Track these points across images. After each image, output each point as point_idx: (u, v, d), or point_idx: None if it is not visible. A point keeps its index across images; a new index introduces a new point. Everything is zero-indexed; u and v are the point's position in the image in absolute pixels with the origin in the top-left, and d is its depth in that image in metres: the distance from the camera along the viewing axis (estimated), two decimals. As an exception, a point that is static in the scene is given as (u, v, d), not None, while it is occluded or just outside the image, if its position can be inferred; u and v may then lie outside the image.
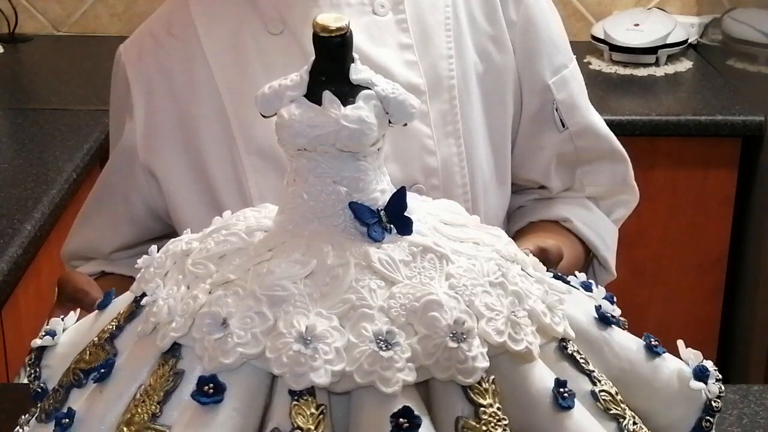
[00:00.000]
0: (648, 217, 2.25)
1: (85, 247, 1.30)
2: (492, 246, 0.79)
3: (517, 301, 0.75)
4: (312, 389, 0.69)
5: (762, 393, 1.24)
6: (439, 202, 0.85)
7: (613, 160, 1.30)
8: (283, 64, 1.15)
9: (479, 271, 0.75)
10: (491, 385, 0.71)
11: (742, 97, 2.34)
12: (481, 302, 0.72)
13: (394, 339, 0.70)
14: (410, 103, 0.75)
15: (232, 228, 0.80)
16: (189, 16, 1.19)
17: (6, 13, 2.74)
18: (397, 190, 0.76)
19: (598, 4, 2.74)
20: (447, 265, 0.74)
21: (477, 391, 0.70)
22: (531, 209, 1.31)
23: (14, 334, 1.73)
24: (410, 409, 0.68)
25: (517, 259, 0.80)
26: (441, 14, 1.20)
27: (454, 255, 0.75)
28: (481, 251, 0.77)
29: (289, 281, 0.72)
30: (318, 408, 0.69)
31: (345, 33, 0.74)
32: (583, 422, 0.74)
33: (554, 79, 1.24)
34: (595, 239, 1.29)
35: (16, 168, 1.96)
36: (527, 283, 0.77)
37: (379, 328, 0.70)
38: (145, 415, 0.71)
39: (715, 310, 2.40)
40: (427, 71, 1.18)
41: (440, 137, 1.17)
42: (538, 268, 0.82)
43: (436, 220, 0.80)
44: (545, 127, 1.26)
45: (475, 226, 0.82)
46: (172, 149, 1.19)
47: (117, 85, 1.24)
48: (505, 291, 0.75)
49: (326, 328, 0.70)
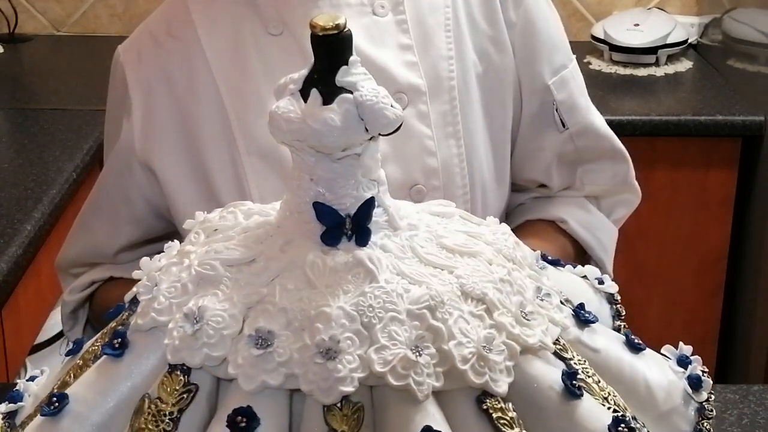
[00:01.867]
0: (648, 217, 2.25)
1: (87, 252, 1.28)
2: (475, 266, 0.76)
3: (431, 337, 0.70)
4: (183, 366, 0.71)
5: (762, 393, 1.24)
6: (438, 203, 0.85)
7: (614, 159, 1.30)
8: (283, 64, 1.15)
9: (404, 297, 0.72)
10: (353, 414, 0.69)
11: (742, 97, 2.34)
12: (384, 329, 0.70)
13: (273, 339, 0.70)
14: (385, 113, 0.73)
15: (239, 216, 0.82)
16: (189, 17, 1.19)
17: (6, 13, 2.74)
18: (365, 201, 0.76)
19: (598, 4, 2.74)
20: (368, 283, 0.72)
21: (334, 415, 0.69)
22: (530, 207, 1.31)
23: (14, 334, 1.73)
24: (251, 409, 0.69)
25: (495, 278, 0.77)
26: (441, 15, 1.20)
27: (390, 275, 0.73)
28: (442, 278, 0.74)
29: (222, 264, 0.75)
30: None
31: (341, 32, 0.74)
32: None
33: (554, 79, 1.24)
34: (590, 241, 1.29)
35: (16, 168, 1.96)
36: (466, 323, 0.72)
37: (267, 327, 0.71)
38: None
39: (715, 310, 2.40)
40: (428, 72, 1.18)
41: (440, 138, 1.17)
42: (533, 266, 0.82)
43: (436, 228, 0.80)
44: (546, 128, 1.26)
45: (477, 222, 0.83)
46: (172, 149, 1.19)
47: (115, 86, 1.24)
48: (422, 323, 0.71)
49: (219, 310, 0.72)
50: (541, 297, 0.78)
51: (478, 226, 0.82)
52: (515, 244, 0.82)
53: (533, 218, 1.29)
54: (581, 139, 1.27)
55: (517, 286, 0.77)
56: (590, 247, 1.29)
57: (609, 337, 0.83)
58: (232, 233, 0.80)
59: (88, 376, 0.76)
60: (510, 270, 0.78)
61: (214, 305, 0.72)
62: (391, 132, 0.75)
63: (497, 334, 0.72)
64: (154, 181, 1.20)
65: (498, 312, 0.73)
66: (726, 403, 1.23)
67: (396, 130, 0.75)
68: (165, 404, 0.71)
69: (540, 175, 1.29)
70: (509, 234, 0.82)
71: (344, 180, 0.75)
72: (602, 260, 1.31)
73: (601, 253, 1.30)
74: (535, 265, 0.82)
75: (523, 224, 1.30)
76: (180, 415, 0.71)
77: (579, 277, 0.89)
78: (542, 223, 1.29)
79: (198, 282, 0.75)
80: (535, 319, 0.75)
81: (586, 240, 1.29)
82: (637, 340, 0.85)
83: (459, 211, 0.84)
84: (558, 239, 1.28)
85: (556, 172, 1.28)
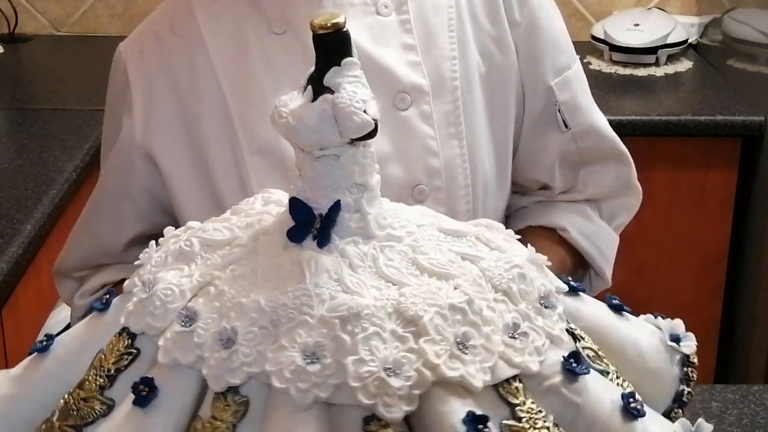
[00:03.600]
0: (648, 217, 2.25)
1: (92, 254, 1.27)
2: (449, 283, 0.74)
3: (333, 347, 0.69)
4: None
5: (762, 393, 1.24)
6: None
7: (617, 161, 1.30)
8: (285, 63, 1.15)
9: (326, 303, 0.71)
10: (237, 405, 0.70)
11: (742, 97, 2.34)
12: (291, 331, 0.70)
13: (197, 320, 0.73)
14: (353, 117, 0.73)
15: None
16: (192, 15, 1.19)
17: (6, 13, 2.74)
18: (333, 205, 0.76)
19: (598, 4, 2.74)
20: (296, 283, 0.73)
21: (218, 404, 0.71)
22: (532, 212, 1.31)
23: (14, 334, 1.73)
24: (152, 381, 0.72)
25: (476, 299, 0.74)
26: (444, 15, 1.19)
27: (325, 279, 0.73)
28: (383, 293, 0.73)
29: (200, 243, 0.78)
30: None
31: (338, 31, 0.74)
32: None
33: (557, 80, 1.24)
34: (591, 249, 1.29)
35: (16, 168, 1.96)
36: (382, 341, 0.70)
37: (195, 308, 0.73)
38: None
39: (715, 310, 2.40)
40: (431, 72, 1.17)
41: (443, 138, 1.17)
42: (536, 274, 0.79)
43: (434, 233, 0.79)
44: (548, 128, 1.26)
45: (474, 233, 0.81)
46: (174, 145, 1.19)
47: (115, 83, 1.23)
48: (329, 331, 0.70)
49: (171, 284, 0.75)
50: (513, 335, 0.73)
51: (487, 251, 0.79)
52: (519, 276, 0.77)
53: (534, 224, 1.29)
54: (584, 140, 1.27)
55: (478, 316, 0.72)
56: (590, 256, 1.29)
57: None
58: (234, 217, 0.82)
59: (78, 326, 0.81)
60: (488, 300, 0.74)
61: (171, 278, 0.75)
62: (364, 138, 0.74)
63: (414, 360, 0.69)
64: (157, 173, 1.20)
65: (426, 338, 0.70)
66: (726, 403, 1.23)
67: (368, 136, 0.74)
68: (107, 362, 0.75)
69: (542, 175, 1.29)
70: (513, 265, 0.77)
71: (323, 180, 0.76)
72: (602, 269, 1.31)
73: (602, 262, 1.30)
74: (537, 302, 0.77)
75: (524, 230, 1.29)
76: (117, 375, 0.74)
77: (653, 325, 0.86)
78: (542, 231, 1.28)
79: (177, 256, 0.78)
80: (476, 354, 0.71)
81: (586, 249, 1.29)
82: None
83: (479, 232, 0.80)
84: (557, 251, 1.27)
85: (559, 172, 1.28)
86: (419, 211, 0.82)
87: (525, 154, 1.27)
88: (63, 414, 0.75)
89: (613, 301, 0.84)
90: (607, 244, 1.31)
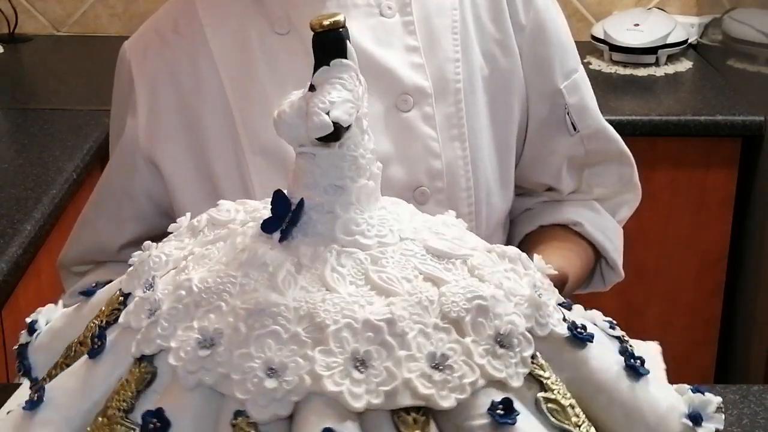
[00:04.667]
0: (648, 217, 2.25)
1: (90, 249, 1.28)
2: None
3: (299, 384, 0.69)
4: None
5: (762, 393, 1.24)
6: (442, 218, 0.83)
7: (621, 161, 1.31)
8: (288, 64, 1.15)
9: (237, 293, 0.73)
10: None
11: (742, 97, 2.34)
12: (180, 312, 0.73)
13: (156, 287, 0.75)
14: (312, 118, 0.73)
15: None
16: (196, 15, 1.19)
17: (6, 13, 2.74)
18: (298, 203, 0.76)
19: (598, 4, 2.74)
20: (235, 269, 0.75)
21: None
22: (540, 212, 1.31)
23: (14, 334, 1.73)
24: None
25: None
26: (448, 17, 1.19)
27: (250, 270, 0.74)
28: (294, 295, 0.72)
29: (208, 220, 0.82)
30: None
31: (337, 30, 0.75)
32: None
33: (566, 83, 1.25)
34: (605, 242, 1.29)
35: (16, 168, 1.96)
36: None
37: (156, 276, 0.76)
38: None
39: (715, 310, 2.40)
40: (434, 74, 1.17)
41: (445, 140, 1.17)
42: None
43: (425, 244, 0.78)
44: (556, 131, 1.26)
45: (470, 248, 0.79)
46: (177, 146, 1.19)
47: (120, 82, 1.24)
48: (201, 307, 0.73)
49: (162, 252, 0.78)
50: (437, 365, 0.70)
51: (464, 276, 0.75)
52: (478, 308, 0.73)
53: (547, 223, 1.29)
54: (591, 143, 1.27)
55: (397, 338, 0.70)
56: (605, 249, 1.30)
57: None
58: (251, 201, 0.85)
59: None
60: (425, 325, 0.71)
61: (167, 248, 0.79)
62: (328, 140, 0.74)
63: (301, 366, 0.69)
64: (158, 176, 1.20)
65: (324, 348, 0.69)
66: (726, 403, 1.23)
67: (331, 138, 0.74)
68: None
69: (550, 178, 1.29)
70: (477, 296, 0.73)
71: (302, 176, 0.76)
72: (615, 261, 1.32)
73: (615, 254, 1.31)
74: (493, 339, 0.72)
75: (537, 230, 1.29)
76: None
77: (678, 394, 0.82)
78: (558, 228, 1.29)
79: (190, 228, 0.83)
80: (373, 375, 0.68)
81: (601, 242, 1.29)
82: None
83: (470, 255, 0.77)
84: (580, 243, 1.28)
85: (566, 175, 1.28)
86: (423, 223, 0.80)
87: (531, 157, 1.27)
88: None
89: (632, 362, 0.80)
90: (616, 236, 1.32)
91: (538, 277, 0.80)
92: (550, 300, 0.78)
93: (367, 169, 0.78)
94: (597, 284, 1.36)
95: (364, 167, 0.77)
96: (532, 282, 0.78)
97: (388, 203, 0.81)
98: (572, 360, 0.77)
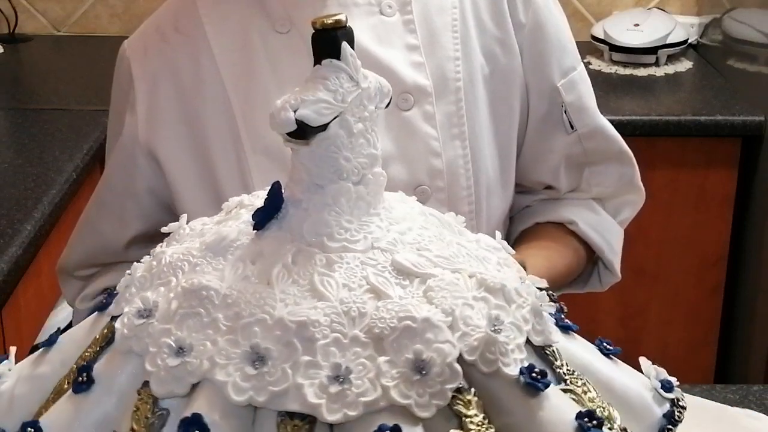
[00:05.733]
0: (648, 217, 2.24)
1: (95, 251, 1.27)
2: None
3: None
4: None
5: (762, 393, 1.24)
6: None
7: (621, 161, 1.31)
8: (289, 63, 1.15)
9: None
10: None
11: (742, 97, 2.34)
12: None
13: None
14: (279, 113, 0.73)
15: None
16: (196, 13, 1.19)
17: (6, 13, 2.74)
18: (270, 191, 0.77)
19: (598, 4, 2.74)
20: (212, 257, 0.76)
21: None
22: (538, 210, 1.31)
23: (14, 334, 1.73)
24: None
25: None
26: (448, 16, 1.19)
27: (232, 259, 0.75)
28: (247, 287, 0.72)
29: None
30: None
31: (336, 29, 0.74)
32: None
33: (563, 81, 1.25)
34: (600, 242, 1.29)
35: (16, 168, 1.96)
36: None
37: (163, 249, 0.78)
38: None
39: (715, 310, 2.40)
40: (434, 73, 1.17)
41: (446, 139, 1.17)
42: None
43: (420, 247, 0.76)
44: (554, 130, 1.26)
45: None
46: (177, 143, 1.18)
47: (120, 80, 1.23)
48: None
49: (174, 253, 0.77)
50: (336, 376, 0.68)
51: (412, 295, 0.72)
52: (404, 330, 0.69)
53: (542, 221, 1.29)
54: (589, 141, 1.27)
55: (307, 342, 0.68)
56: (600, 248, 1.29)
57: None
58: None
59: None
60: (342, 335, 0.69)
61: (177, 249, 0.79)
62: (294, 138, 0.74)
63: (201, 353, 0.70)
64: (159, 171, 1.20)
65: (228, 337, 0.70)
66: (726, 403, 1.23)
67: (296, 135, 0.73)
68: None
69: (548, 176, 1.29)
70: (408, 316, 0.70)
71: (293, 171, 0.76)
72: (611, 262, 1.31)
73: (611, 254, 1.31)
74: (409, 364, 0.68)
75: (532, 227, 1.30)
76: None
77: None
78: (552, 226, 1.29)
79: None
80: (268, 375, 0.68)
81: (595, 242, 1.29)
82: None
83: (433, 276, 0.73)
84: (570, 242, 1.28)
85: (564, 173, 1.28)
86: (418, 236, 0.77)
87: (530, 156, 1.27)
88: None
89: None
90: (615, 238, 1.32)
91: (522, 312, 0.74)
92: (513, 338, 0.72)
93: (355, 172, 0.76)
94: (594, 285, 1.36)
95: (348, 170, 0.75)
96: (505, 315, 0.73)
97: (400, 212, 0.79)
98: (519, 406, 0.71)
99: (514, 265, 0.80)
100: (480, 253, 0.78)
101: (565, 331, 0.78)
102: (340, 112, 0.74)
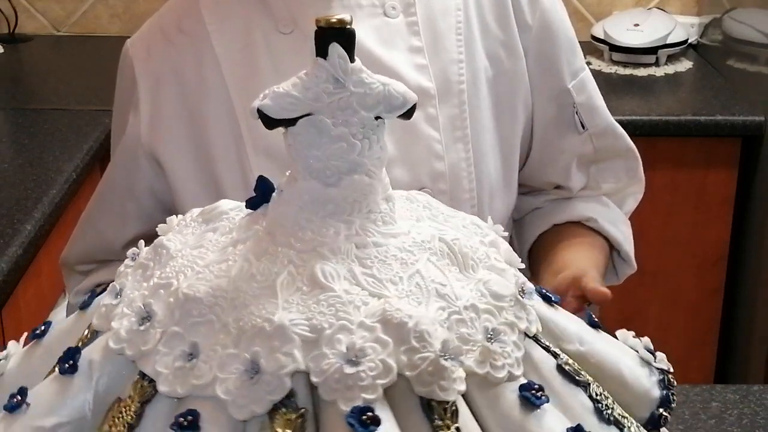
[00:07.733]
0: (648, 217, 2.25)
1: (93, 247, 1.28)
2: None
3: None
4: None
5: (762, 393, 1.24)
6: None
7: (627, 157, 1.32)
8: (293, 63, 1.14)
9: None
10: None
11: (742, 97, 2.34)
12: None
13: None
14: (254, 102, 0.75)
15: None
16: (199, 14, 1.19)
17: (6, 13, 2.74)
18: (258, 179, 0.79)
19: (598, 4, 2.74)
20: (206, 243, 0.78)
21: None
22: (551, 211, 1.31)
23: (14, 334, 1.73)
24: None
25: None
26: (452, 18, 1.19)
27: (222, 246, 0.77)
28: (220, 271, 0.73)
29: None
30: None
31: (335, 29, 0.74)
32: None
33: (573, 82, 1.25)
34: (618, 236, 1.30)
35: (16, 168, 1.96)
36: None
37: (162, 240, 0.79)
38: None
39: (715, 310, 2.40)
40: (437, 75, 1.17)
41: (449, 142, 1.17)
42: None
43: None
44: (565, 131, 1.26)
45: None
46: (179, 144, 1.19)
47: (123, 80, 1.23)
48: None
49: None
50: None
51: (377, 300, 0.70)
52: (377, 341, 0.68)
53: (560, 221, 1.29)
54: (600, 140, 1.28)
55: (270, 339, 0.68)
56: (619, 242, 1.30)
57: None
58: None
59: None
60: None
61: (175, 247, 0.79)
62: (265, 125, 0.74)
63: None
64: (161, 173, 1.20)
65: (197, 319, 0.71)
66: (726, 403, 1.23)
67: (264, 123, 0.74)
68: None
69: (559, 177, 1.29)
70: (379, 319, 0.69)
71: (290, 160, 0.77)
72: (628, 253, 1.32)
73: (627, 245, 1.32)
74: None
75: (552, 229, 1.30)
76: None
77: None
78: (572, 225, 1.29)
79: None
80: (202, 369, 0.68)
81: (615, 236, 1.29)
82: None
83: (397, 294, 0.71)
84: (596, 238, 1.28)
85: (576, 173, 1.29)
86: (371, 251, 0.74)
87: (540, 157, 1.27)
88: None
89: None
90: (628, 229, 1.33)
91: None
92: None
93: (327, 174, 0.74)
94: (611, 278, 1.36)
95: (318, 170, 0.74)
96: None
97: (405, 224, 0.77)
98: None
99: (502, 244, 0.80)
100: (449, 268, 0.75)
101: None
102: (310, 111, 0.73)
